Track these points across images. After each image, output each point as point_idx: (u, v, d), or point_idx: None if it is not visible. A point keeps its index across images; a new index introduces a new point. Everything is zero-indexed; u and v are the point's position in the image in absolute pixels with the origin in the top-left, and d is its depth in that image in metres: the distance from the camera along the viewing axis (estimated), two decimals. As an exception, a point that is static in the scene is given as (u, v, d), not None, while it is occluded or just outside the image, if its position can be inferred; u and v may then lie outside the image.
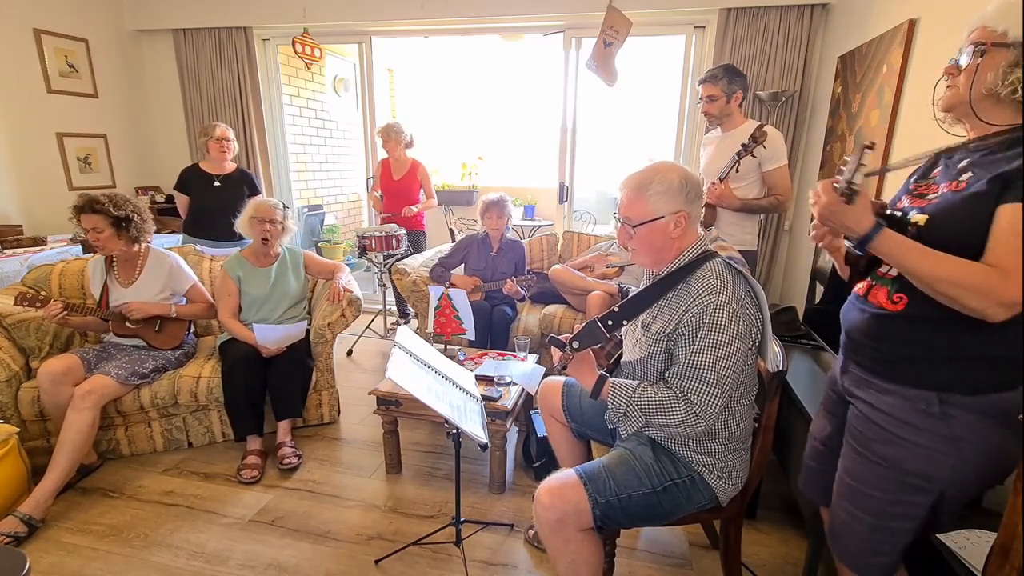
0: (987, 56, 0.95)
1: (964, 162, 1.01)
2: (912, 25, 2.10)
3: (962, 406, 0.97)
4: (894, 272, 1.03)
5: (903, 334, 1.01)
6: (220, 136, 3.19)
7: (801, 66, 3.19)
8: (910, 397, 1.01)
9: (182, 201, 3.31)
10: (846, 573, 1.18)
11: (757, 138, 2.24)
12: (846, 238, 1.04)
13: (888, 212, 1.08)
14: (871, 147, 0.95)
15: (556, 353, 1.35)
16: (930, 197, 1.03)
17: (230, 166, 3.28)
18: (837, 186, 0.96)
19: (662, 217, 1.26)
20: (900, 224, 1.02)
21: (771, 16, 3.16)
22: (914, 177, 1.16)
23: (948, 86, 1.03)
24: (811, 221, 1.07)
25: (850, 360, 1.15)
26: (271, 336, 2.37)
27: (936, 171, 1.10)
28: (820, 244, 1.13)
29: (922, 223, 0.98)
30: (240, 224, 2.49)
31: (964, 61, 0.99)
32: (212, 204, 3.21)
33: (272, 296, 2.52)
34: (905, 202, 1.10)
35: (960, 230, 0.93)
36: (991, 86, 0.95)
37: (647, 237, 1.29)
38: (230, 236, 3.22)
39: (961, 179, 0.98)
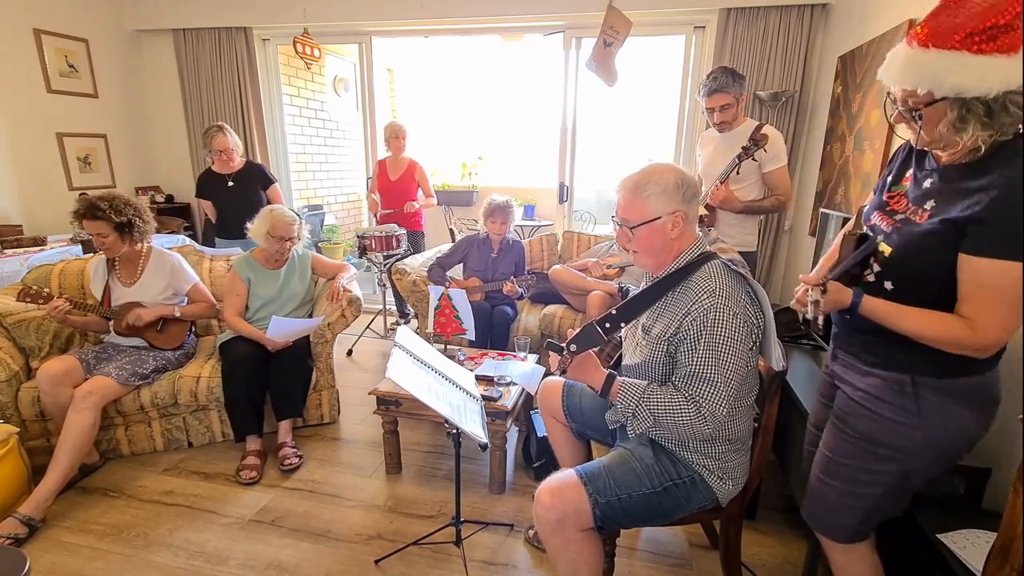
0: (925, 114, 0.99)
1: (928, 182, 1.07)
2: (912, 25, 2.09)
3: (931, 387, 1.07)
4: (871, 278, 1.14)
5: (879, 326, 1.09)
6: (219, 148, 3.10)
7: (801, 66, 3.19)
8: (886, 378, 1.12)
9: (208, 207, 3.32)
10: (824, 542, 1.27)
11: (758, 141, 2.22)
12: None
13: (864, 232, 1.17)
14: (824, 287, 1.08)
15: (554, 358, 1.34)
16: (898, 218, 1.11)
17: (239, 162, 3.25)
18: (809, 303, 1.09)
19: (659, 217, 1.27)
20: (875, 253, 1.13)
21: (771, 16, 3.16)
22: (889, 176, 1.21)
23: (910, 128, 1.07)
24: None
25: (838, 348, 1.27)
26: (287, 329, 2.35)
27: (908, 174, 1.15)
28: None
29: (887, 254, 1.09)
30: (255, 234, 2.46)
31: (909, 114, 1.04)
32: (231, 204, 3.23)
33: (280, 297, 2.53)
34: (875, 219, 1.17)
35: (920, 264, 1.04)
36: (946, 135, 0.99)
37: (646, 238, 1.29)
38: None
39: (925, 207, 1.05)
